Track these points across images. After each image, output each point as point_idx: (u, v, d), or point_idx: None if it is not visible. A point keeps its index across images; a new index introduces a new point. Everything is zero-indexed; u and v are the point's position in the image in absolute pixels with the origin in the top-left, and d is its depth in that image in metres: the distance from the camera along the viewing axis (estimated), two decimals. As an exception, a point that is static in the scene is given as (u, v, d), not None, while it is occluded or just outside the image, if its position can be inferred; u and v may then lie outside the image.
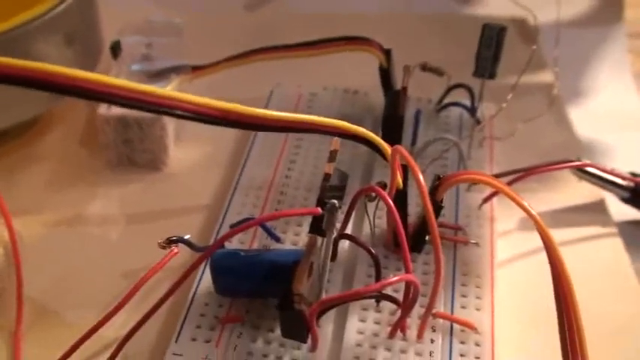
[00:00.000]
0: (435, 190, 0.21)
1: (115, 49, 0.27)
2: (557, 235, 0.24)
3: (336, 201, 0.18)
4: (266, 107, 0.28)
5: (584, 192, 0.26)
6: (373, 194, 0.20)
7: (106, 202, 0.26)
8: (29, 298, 0.22)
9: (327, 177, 0.19)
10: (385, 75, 0.26)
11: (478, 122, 0.27)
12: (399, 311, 0.19)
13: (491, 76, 0.25)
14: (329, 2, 0.39)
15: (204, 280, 0.21)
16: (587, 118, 0.32)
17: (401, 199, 0.21)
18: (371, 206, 0.22)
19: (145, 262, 0.20)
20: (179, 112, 0.17)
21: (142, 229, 0.25)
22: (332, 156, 0.20)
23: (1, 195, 0.22)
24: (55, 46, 0.26)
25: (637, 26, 0.39)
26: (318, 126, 0.18)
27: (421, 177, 0.18)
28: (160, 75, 0.27)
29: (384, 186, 0.20)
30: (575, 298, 0.18)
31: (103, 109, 0.26)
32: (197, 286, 0.21)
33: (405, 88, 0.23)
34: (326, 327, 0.20)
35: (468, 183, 0.24)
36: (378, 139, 0.19)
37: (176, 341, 0.19)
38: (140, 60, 0.28)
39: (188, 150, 0.28)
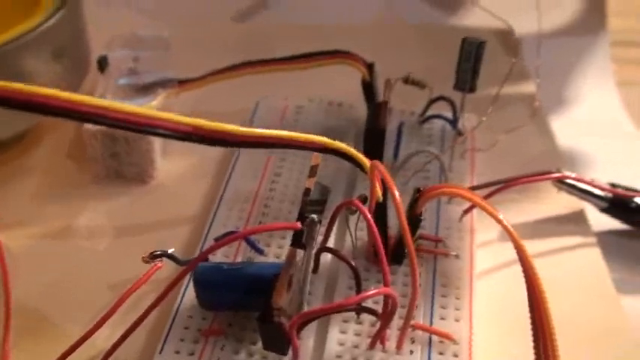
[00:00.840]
0: (414, 204, 0.21)
1: (102, 63, 0.28)
2: (536, 245, 0.25)
3: (315, 216, 0.19)
4: (251, 119, 0.29)
5: (564, 202, 0.27)
6: (354, 207, 0.21)
7: (93, 215, 0.27)
8: (17, 309, 0.22)
9: (307, 192, 0.20)
10: (368, 88, 0.26)
11: (460, 134, 0.27)
12: (379, 323, 0.20)
13: (471, 89, 0.25)
14: (317, 13, 0.39)
15: (188, 293, 0.21)
16: (570, 128, 0.32)
17: (380, 212, 0.21)
18: (353, 219, 0.22)
19: (132, 274, 0.20)
20: (155, 130, 0.17)
21: (128, 241, 0.25)
22: (312, 171, 0.20)
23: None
24: (43, 61, 0.27)
25: (620, 35, 0.39)
26: (295, 142, 0.18)
27: (396, 192, 0.19)
28: (146, 89, 0.28)
29: (364, 199, 0.21)
30: (548, 307, 0.18)
31: (90, 123, 0.26)
32: (181, 300, 0.21)
33: (385, 102, 0.24)
34: (307, 339, 0.20)
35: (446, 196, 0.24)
36: (356, 154, 0.20)
37: (160, 353, 0.20)
38: (127, 74, 0.28)
39: (174, 163, 0.28)
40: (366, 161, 0.20)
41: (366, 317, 0.21)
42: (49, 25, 0.27)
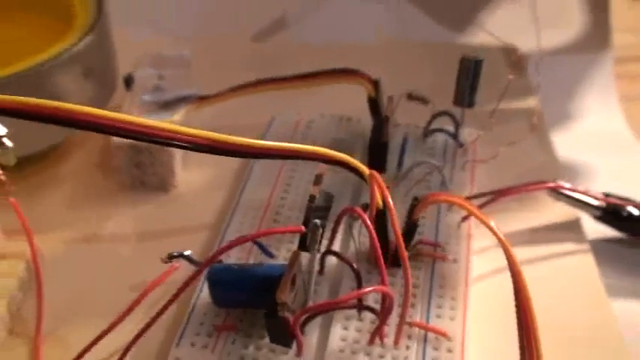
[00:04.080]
0: (412, 211, 0.23)
1: (129, 81, 0.30)
2: (531, 251, 0.27)
3: (318, 220, 0.21)
4: (266, 133, 0.31)
5: (560, 212, 0.28)
6: (356, 214, 0.23)
7: (119, 221, 0.29)
8: (48, 308, 0.24)
9: (312, 198, 0.22)
10: (373, 104, 0.28)
11: (461, 146, 0.29)
12: (378, 320, 0.21)
13: (470, 104, 0.27)
14: (332, 32, 0.41)
15: (204, 292, 0.23)
16: (571, 141, 0.34)
17: (380, 218, 0.23)
18: (357, 226, 0.24)
19: (153, 275, 0.22)
20: (174, 142, 0.19)
21: (150, 245, 0.27)
22: (317, 179, 0.22)
23: (23, 214, 0.24)
24: (74, 80, 0.29)
25: (624, 51, 0.41)
26: (301, 153, 0.20)
27: (390, 200, 0.20)
28: (169, 104, 0.30)
29: (365, 207, 0.22)
30: (533, 311, 0.19)
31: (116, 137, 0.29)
32: (197, 298, 0.23)
33: (387, 117, 0.26)
34: (312, 334, 0.22)
35: (443, 204, 0.26)
36: (356, 163, 0.21)
37: (177, 346, 0.22)
38: (151, 91, 0.31)
39: (194, 173, 0.31)
40: (366, 171, 0.22)
41: (367, 316, 0.22)
42: (80, 47, 0.29)
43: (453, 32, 0.42)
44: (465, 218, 0.26)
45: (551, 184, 0.27)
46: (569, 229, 0.28)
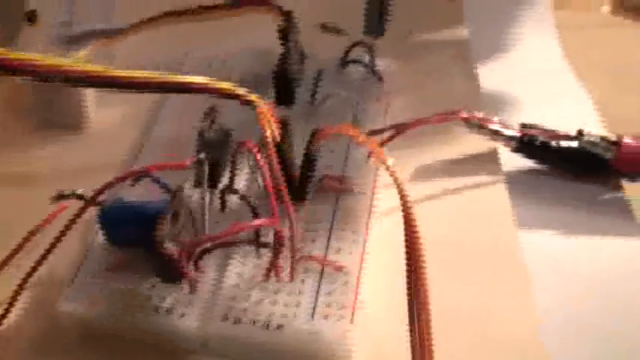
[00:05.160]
0: (309, 143, 0.22)
1: (31, 18, 0.29)
2: (442, 184, 0.26)
3: (203, 155, 0.20)
4: (180, 69, 0.30)
5: (478, 144, 0.28)
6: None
7: (27, 162, 0.28)
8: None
9: (200, 134, 0.21)
10: (282, 35, 0.27)
11: (379, 79, 0.28)
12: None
13: (378, 33, 0.26)
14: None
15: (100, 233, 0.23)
16: (500, 72, 0.33)
17: (278, 152, 0.22)
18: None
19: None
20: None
21: (59, 186, 0.27)
22: (207, 113, 0.21)
23: None
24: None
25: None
26: (177, 84, 0.19)
27: (276, 133, 0.20)
28: (78, 39, 0.28)
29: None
30: (422, 251, 0.19)
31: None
32: (93, 239, 0.23)
33: (288, 49, 0.25)
34: (209, 272, 0.22)
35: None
36: (245, 94, 0.21)
37: (69, 286, 0.21)
38: (59, 26, 0.29)
39: (108, 112, 0.30)
40: (257, 102, 0.21)
41: (265, 254, 0.22)
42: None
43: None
44: (371, 153, 0.25)
45: (465, 115, 0.26)
46: (484, 161, 0.27)
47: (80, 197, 0.22)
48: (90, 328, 0.21)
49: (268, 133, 0.21)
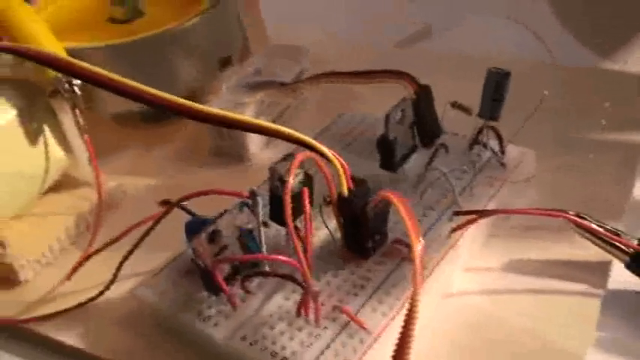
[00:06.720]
0: (375, 205, 0.24)
1: (224, 64, 0.35)
2: (536, 281, 0.25)
3: (255, 188, 0.23)
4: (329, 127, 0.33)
5: (594, 251, 0.25)
6: (327, 199, 0.24)
7: (191, 179, 0.34)
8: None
9: (271, 171, 0.24)
10: (416, 106, 0.28)
11: (502, 164, 0.28)
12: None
13: (492, 118, 0.26)
14: (469, 44, 0.40)
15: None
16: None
17: (342, 205, 0.24)
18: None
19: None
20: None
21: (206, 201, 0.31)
22: (285, 157, 0.24)
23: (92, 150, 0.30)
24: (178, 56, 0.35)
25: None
26: (265, 130, 0.22)
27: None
28: (253, 88, 0.33)
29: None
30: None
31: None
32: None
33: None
34: (259, 295, 0.24)
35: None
36: (320, 147, 0.22)
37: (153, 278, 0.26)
38: (249, 75, 0.35)
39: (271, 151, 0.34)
40: (331, 157, 0.23)
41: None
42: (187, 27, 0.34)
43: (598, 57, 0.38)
44: (454, 229, 0.25)
45: (572, 216, 0.24)
46: (593, 271, 0.25)
47: (181, 207, 0.26)
48: (156, 317, 0.25)
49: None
